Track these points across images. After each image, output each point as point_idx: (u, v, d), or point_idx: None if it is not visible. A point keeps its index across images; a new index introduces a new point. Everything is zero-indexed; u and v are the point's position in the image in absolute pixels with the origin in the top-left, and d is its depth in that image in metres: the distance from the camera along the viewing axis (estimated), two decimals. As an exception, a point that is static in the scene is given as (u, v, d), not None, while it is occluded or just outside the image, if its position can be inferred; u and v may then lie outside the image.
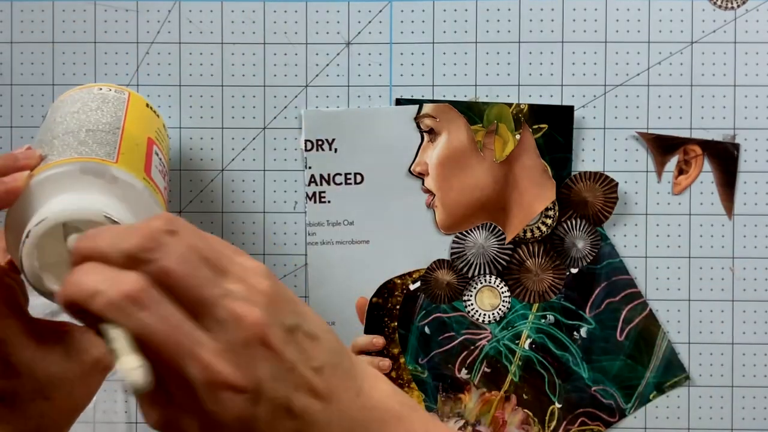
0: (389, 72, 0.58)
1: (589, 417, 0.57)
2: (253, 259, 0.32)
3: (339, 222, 0.58)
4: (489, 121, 0.57)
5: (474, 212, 0.57)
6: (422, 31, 0.58)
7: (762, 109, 0.57)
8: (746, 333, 0.57)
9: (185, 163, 0.58)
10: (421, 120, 0.57)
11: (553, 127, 0.57)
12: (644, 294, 0.57)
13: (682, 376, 0.58)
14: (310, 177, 0.57)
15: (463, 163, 0.57)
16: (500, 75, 0.58)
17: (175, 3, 0.58)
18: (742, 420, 0.57)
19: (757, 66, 0.57)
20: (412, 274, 0.58)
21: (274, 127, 0.58)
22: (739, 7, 0.57)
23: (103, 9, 0.58)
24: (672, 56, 0.57)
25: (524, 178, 0.57)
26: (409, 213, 0.57)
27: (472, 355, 0.58)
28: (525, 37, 0.58)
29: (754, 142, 0.57)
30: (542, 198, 0.57)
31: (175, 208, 0.58)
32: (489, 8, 0.58)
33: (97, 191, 0.40)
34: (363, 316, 0.58)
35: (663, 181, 0.57)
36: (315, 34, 0.58)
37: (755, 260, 0.57)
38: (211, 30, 0.58)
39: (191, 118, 0.58)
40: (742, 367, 0.57)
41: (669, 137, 0.57)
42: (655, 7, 0.57)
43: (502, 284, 0.57)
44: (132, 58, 0.58)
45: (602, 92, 0.58)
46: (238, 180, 0.58)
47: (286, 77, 0.58)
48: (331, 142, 0.57)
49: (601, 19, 0.58)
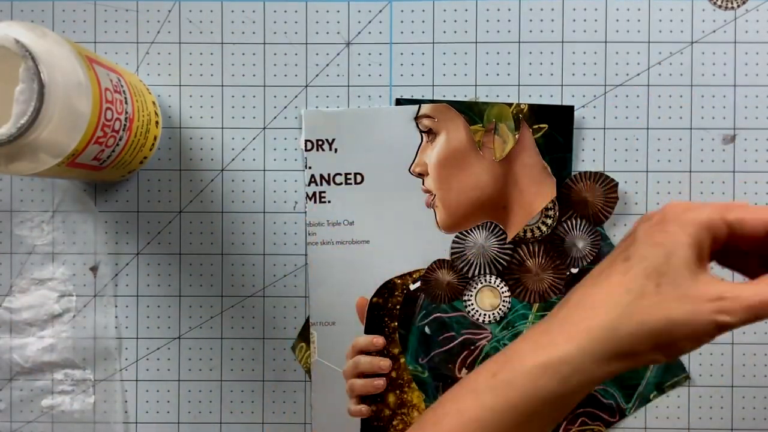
0: (389, 72, 0.58)
1: (589, 417, 0.57)
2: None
3: (339, 222, 0.58)
4: (489, 121, 0.57)
5: (474, 211, 0.57)
6: (422, 31, 0.58)
7: (762, 109, 0.57)
8: (746, 333, 0.57)
9: (185, 163, 0.58)
10: (420, 120, 0.57)
11: (553, 127, 0.57)
12: (644, 294, 0.57)
13: (682, 376, 0.58)
14: (310, 177, 0.57)
15: (462, 162, 0.57)
16: (500, 75, 0.58)
17: (175, 3, 0.58)
18: (742, 420, 0.57)
19: (757, 66, 0.57)
20: (412, 274, 0.58)
21: (274, 127, 0.58)
22: (739, 7, 0.57)
23: (103, 9, 0.58)
24: (672, 56, 0.57)
25: (524, 176, 0.57)
26: (409, 213, 0.57)
27: (473, 355, 0.57)
28: (525, 37, 0.58)
29: (754, 142, 0.57)
30: (543, 196, 0.57)
31: (175, 208, 0.58)
32: (489, 8, 0.58)
33: (23, 29, 0.43)
34: (363, 316, 0.58)
35: (663, 180, 0.57)
36: (315, 34, 0.58)
37: (755, 260, 0.57)
38: (211, 30, 0.58)
39: (191, 118, 0.58)
40: (742, 367, 0.57)
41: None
42: (655, 7, 0.57)
43: (503, 284, 0.57)
44: (132, 58, 0.58)
45: (602, 92, 0.58)
46: (238, 180, 0.58)
47: (286, 77, 0.58)
48: (331, 142, 0.57)
49: (601, 19, 0.58)
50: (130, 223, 0.58)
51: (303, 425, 0.58)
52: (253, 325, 0.58)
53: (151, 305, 0.58)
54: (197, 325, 0.58)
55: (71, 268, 0.58)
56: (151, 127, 0.55)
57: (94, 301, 0.58)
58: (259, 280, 0.58)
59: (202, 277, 0.58)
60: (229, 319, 0.58)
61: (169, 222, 0.58)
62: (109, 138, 0.48)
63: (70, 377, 0.58)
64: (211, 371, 0.58)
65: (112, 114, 0.48)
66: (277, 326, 0.58)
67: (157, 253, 0.58)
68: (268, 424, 0.58)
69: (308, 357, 0.58)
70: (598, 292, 0.39)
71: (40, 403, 0.58)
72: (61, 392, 0.58)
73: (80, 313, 0.58)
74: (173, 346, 0.58)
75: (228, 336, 0.58)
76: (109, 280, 0.58)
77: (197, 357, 0.58)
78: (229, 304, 0.58)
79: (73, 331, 0.58)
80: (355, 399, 0.57)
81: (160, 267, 0.58)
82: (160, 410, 0.58)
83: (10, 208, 0.58)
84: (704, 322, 0.37)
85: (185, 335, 0.58)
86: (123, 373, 0.58)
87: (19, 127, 0.42)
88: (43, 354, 0.58)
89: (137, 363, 0.58)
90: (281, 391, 0.58)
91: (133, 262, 0.58)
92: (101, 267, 0.58)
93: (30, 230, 0.58)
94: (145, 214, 0.58)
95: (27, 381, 0.58)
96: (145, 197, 0.58)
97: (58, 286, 0.58)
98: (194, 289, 0.58)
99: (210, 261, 0.58)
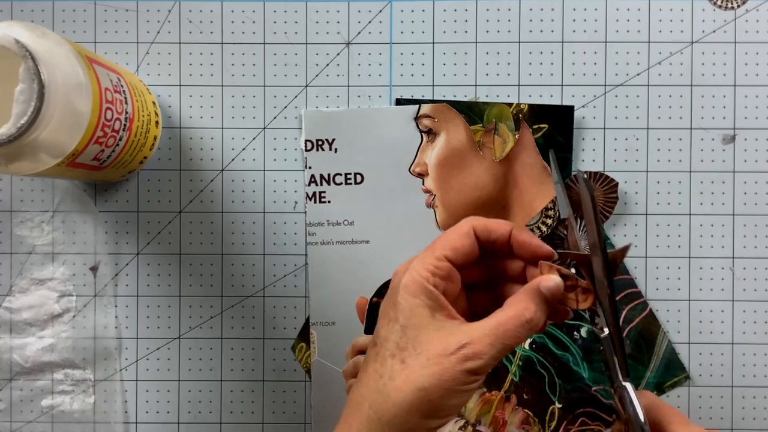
0: (389, 72, 0.58)
1: (589, 417, 0.57)
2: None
3: (339, 222, 0.57)
4: (489, 121, 0.57)
5: (475, 211, 0.57)
6: (422, 31, 0.58)
7: (762, 109, 0.57)
8: (746, 333, 0.57)
9: (185, 163, 0.58)
10: (420, 120, 0.57)
11: (553, 127, 0.57)
12: (644, 294, 0.57)
13: (682, 376, 0.58)
14: (310, 177, 0.57)
15: (462, 162, 0.57)
16: (500, 75, 0.58)
17: (175, 3, 0.58)
18: (742, 420, 0.57)
19: (757, 66, 0.57)
20: (412, 274, 0.57)
21: (274, 127, 0.58)
22: (739, 7, 0.57)
23: (103, 9, 0.58)
24: (672, 56, 0.57)
25: (524, 176, 0.57)
26: (409, 213, 0.57)
27: (472, 355, 0.57)
28: (525, 37, 0.58)
29: (754, 142, 0.57)
30: (543, 195, 0.57)
31: (175, 208, 0.58)
32: (489, 8, 0.58)
33: (23, 30, 0.43)
34: (363, 316, 0.58)
35: (663, 180, 0.57)
36: (315, 34, 0.58)
37: (755, 260, 0.57)
38: (211, 30, 0.58)
39: (191, 118, 0.58)
40: (742, 367, 0.57)
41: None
42: (655, 7, 0.57)
43: (502, 284, 0.57)
44: (132, 58, 0.58)
45: (602, 92, 0.58)
46: (238, 180, 0.58)
47: (286, 77, 0.58)
48: (331, 142, 0.57)
49: (601, 19, 0.58)
50: (130, 223, 0.58)
51: (303, 425, 0.58)
52: (253, 325, 0.58)
53: (151, 305, 0.58)
54: (197, 325, 0.58)
55: (71, 268, 0.58)
56: (151, 127, 0.55)
57: (94, 301, 0.58)
58: (259, 280, 0.58)
59: (202, 277, 0.58)
60: (229, 319, 0.58)
61: (169, 222, 0.58)
62: (109, 138, 0.48)
63: (70, 377, 0.58)
64: (211, 371, 0.58)
65: (112, 114, 0.48)
66: (277, 326, 0.58)
67: (157, 253, 0.58)
68: (268, 424, 0.58)
69: (308, 357, 0.58)
70: (360, 387, 0.40)
71: (40, 403, 0.58)
72: (61, 392, 0.58)
73: (80, 313, 0.58)
74: (173, 346, 0.58)
75: (228, 336, 0.58)
76: (109, 280, 0.58)
77: (197, 357, 0.58)
78: (229, 304, 0.58)
79: (73, 331, 0.58)
80: (354, 399, 0.57)
81: (160, 267, 0.58)
82: (160, 410, 0.58)
83: (10, 208, 0.58)
84: (453, 375, 0.37)
85: (185, 335, 0.58)
86: (123, 373, 0.58)
87: (19, 127, 0.42)
88: (43, 354, 0.58)
89: (137, 363, 0.58)
90: (281, 391, 0.58)
91: (133, 262, 0.58)
92: (101, 267, 0.58)
93: (30, 230, 0.58)
94: (145, 214, 0.58)
95: (27, 381, 0.58)
96: (145, 197, 0.58)
97: (58, 286, 0.58)
98: (194, 289, 0.58)
99: (210, 261, 0.58)
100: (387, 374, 0.39)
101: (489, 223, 0.41)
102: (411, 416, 0.38)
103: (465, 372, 0.37)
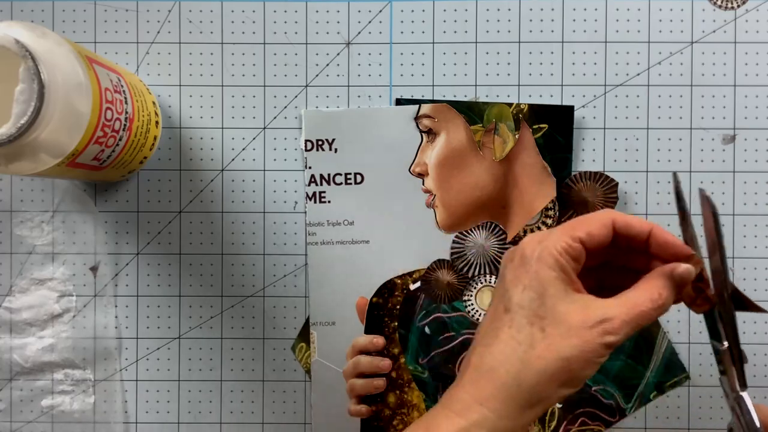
0: (389, 72, 0.58)
1: (589, 417, 0.57)
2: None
3: (339, 222, 0.57)
4: (489, 121, 0.57)
5: (475, 211, 0.57)
6: (422, 31, 0.58)
7: (762, 109, 0.57)
8: (746, 333, 0.57)
9: (185, 163, 0.58)
10: (420, 120, 0.57)
11: (553, 127, 0.57)
12: (644, 294, 0.57)
13: (682, 376, 0.58)
14: (310, 177, 0.57)
15: (462, 162, 0.57)
16: (500, 75, 0.58)
17: (175, 3, 0.58)
18: (743, 420, 0.57)
19: (757, 66, 0.57)
20: (412, 274, 0.58)
21: (274, 127, 0.58)
22: (739, 7, 0.57)
23: (103, 9, 0.58)
24: (672, 56, 0.57)
25: (524, 176, 0.57)
26: (409, 213, 0.57)
27: (472, 355, 0.57)
28: (525, 37, 0.58)
29: (754, 142, 0.57)
30: (543, 195, 0.57)
31: (175, 208, 0.58)
32: (489, 8, 0.58)
33: (23, 30, 0.44)
34: (363, 316, 0.58)
35: (663, 180, 0.57)
36: (315, 34, 0.58)
37: (755, 260, 0.57)
38: (211, 30, 0.58)
39: (191, 118, 0.58)
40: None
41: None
42: (655, 7, 0.57)
43: (502, 284, 0.57)
44: (132, 58, 0.58)
45: (602, 92, 0.58)
46: (238, 180, 0.58)
47: (286, 77, 0.58)
48: (331, 142, 0.57)
49: (601, 19, 0.58)
50: (130, 223, 0.58)
51: (303, 425, 0.58)
52: (253, 325, 0.58)
53: (151, 305, 0.58)
54: (197, 325, 0.58)
55: (71, 268, 0.58)
56: (151, 127, 0.55)
57: (94, 301, 0.58)
58: (259, 280, 0.58)
59: (202, 277, 0.58)
60: (229, 319, 0.58)
61: (169, 222, 0.58)
62: (109, 138, 0.48)
63: (70, 377, 0.58)
64: (211, 371, 0.58)
65: (112, 114, 0.48)
66: (277, 326, 0.58)
67: (157, 253, 0.58)
68: (268, 424, 0.58)
69: (308, 357, 0.58)
70: (493, 352, 0.40)
71: (40, 403, 0.58)
72: (61, 392, 0.58)
73: (80, 313, 0.58)
74: (173, 346, 0.58)
75: (228, 336, 0.58)
76: (109, 280, 0.58)
77: (197, 357, 0.58)
78: (229, 304, 0.58)
79: (73, 331, 0.58)
80: (355, 399, 0.57)
81: (160, 267, 0.58)
82: (160, 410, 0.58)
83: (10, 208, 0.58)
84: (594, 348, 0.39)
85: (185, 335, 0.58)
86: (123, 373, 0.58)
87: (19, 127, 0.42)
88: (43, 354, 0.58)
89: (137, 363, 0.58)
90: (281, 391, 0.58)
91: (133, 262, 0.58)
92: (101, 267, 0.58)
93: (30, 230, 0.58)
94: (145, 214, 0.58)
95: (27, 381, 0.58)
96: (145, 197, 0.58)
97: (58, 286, 0.58)
98: (194, 289, 0.58)
99: (210, 261, 0.58)
100: (527, 341, 0.39)
101: (630, 219, 0.42)
102: (550, 384, 0.39)
103: (603, 345, 0.39)
